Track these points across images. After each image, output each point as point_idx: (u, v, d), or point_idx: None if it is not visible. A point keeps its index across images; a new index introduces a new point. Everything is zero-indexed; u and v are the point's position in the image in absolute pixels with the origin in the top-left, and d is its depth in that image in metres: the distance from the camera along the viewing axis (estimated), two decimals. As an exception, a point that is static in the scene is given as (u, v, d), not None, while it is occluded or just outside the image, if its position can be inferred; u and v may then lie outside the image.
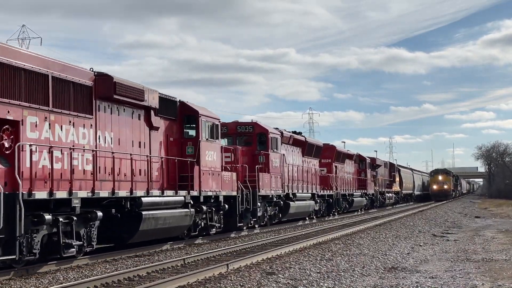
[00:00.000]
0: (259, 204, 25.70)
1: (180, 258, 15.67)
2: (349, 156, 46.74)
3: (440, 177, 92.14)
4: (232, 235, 24.00)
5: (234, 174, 23.83)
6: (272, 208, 28.47)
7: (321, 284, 11.85)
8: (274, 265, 14.50)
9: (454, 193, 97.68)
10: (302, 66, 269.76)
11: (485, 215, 43.42)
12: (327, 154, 40.27)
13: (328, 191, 38.83)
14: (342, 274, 13.18)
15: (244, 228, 25.19)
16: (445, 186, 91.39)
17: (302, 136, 34.65)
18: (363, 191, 50.03)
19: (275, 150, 28.03)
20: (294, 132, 33.98)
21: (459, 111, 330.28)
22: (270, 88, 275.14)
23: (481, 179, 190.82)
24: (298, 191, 31.80)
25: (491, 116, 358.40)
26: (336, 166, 41.54)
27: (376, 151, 77.13)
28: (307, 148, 34.59)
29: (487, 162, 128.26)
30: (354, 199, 45.92)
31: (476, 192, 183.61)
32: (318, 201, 36.52)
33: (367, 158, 52.01)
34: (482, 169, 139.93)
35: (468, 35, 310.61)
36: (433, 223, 32.17)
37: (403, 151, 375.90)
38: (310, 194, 34.35)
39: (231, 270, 13.75)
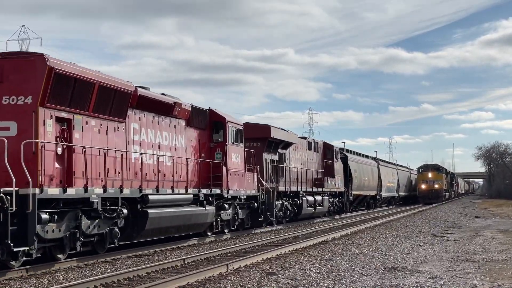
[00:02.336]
0: None
1: (180, 258, 15.68)
2: (159, 106, 19.04)
3: (429, 175, 74.55)
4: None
5: None
6: None
7: (321, 284, 11.84)
8: (274, 265, 14.49)
9: (448, 193, 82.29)
10: (300, 67, 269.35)
11: (485, 215, 43.41)
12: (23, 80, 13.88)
13: None
14: (342, 274, 13.17)
15: None
16: (436, 186, 73.99)
17: None
18: (213, 190, 21.86)
19: None
20: None
21: (458, 111, 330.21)
22: (269, 88, 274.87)
23: (481, 179, 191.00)
24: None
25: (490, 116, 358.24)
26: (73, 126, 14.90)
27: (376, 151, 75.88)
28: None
29: (487, 162, 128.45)
30: (151, 217, 17.49)
31: (476, 192, 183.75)
32: None
33: (234, 123, 23.82)
34: (482, 169, 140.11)
35: (466, 36, 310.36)
36: (433, 223, 32.16)
37: (402, 151, 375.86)
38: None
39: (231, 270, 13.74)
